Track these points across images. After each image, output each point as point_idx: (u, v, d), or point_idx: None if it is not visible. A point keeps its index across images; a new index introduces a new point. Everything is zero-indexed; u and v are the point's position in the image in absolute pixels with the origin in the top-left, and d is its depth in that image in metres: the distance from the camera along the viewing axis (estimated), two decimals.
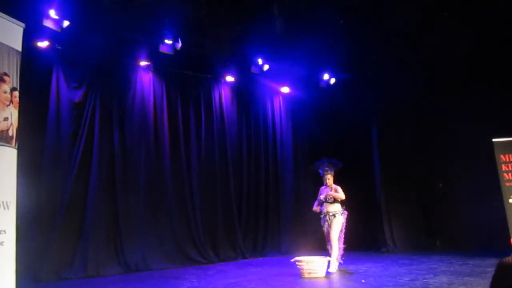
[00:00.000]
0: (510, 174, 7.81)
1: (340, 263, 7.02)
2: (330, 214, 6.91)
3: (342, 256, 7.03)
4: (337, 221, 6.88)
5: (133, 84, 8.43)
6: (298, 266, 6.55)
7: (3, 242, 4.40)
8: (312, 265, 6.46)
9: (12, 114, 4.71)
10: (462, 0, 7.89)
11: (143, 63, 8.44)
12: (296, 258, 6.66)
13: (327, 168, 6.94)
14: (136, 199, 8.08)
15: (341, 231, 6.95)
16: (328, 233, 6.94)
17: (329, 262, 6.67)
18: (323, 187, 7.12)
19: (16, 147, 4.76)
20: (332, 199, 6.89)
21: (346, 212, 7.08)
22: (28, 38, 5.76)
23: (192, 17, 7.86)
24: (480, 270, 6.46)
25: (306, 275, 6.40)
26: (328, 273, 6.56)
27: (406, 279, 6.09)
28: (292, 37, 8.59)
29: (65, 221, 7.23)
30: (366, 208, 10.10)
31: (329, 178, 6.97)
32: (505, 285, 2.18)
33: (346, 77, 10.10)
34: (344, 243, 7.04)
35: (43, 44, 7.04)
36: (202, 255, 8.61)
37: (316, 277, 6.35)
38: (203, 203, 8.96)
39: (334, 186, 6.98)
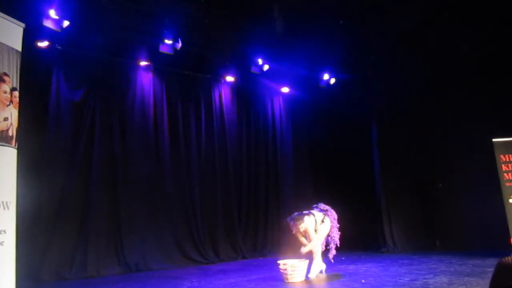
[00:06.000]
0: (510, 174, 7.80)
1: (331, 264, 6.92)
2: None
3: (335, 255, 6.88)
4: (322, 227, 6.64)
5: (133, 84, 8.44)
6: (281, 270, 6.22)
7: (3, 242, 4.40)
8: (298, 269, 6.17)
9: (12, 114, 4.72)
10: (462, 0, 7.89)
11: (143, 63, 8.44)
12: (280, 262, 6.31)
13: (298, 218, 6.50)
14: (136, 199, 8.08)
15: (328, 235, 6.75)
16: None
17: (309, 266, 6.42)
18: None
19: (16, 147, 4.77)
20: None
21: (331, 211, 6.85)
22: (28, 38, 5.75)
23: (192, 17, 7.85)
24: (480, 270, 6.46)
25: (291, 279, 6.10)
26: (307, 278, 6.34)
27: (406, 279, 6.09)
28: (292, 37, 8.58)
29: (65, 221, 7.24)
30: (366, 208, 10.10)
31: (302, 227, 6.48)
32: (505, 284, 2.18)
33: (346, 77, 10.10)
34: (339, 241, 6.84)
35: (43, 44, 7.04)
36: (202, 255, 8.62)
37: (299, 282, 6.11)
38: (203, 203, 8.97)
39: (305, 228, 6.51)
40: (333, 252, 6.87)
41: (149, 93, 8.59)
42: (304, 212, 6.64)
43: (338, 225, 6.91)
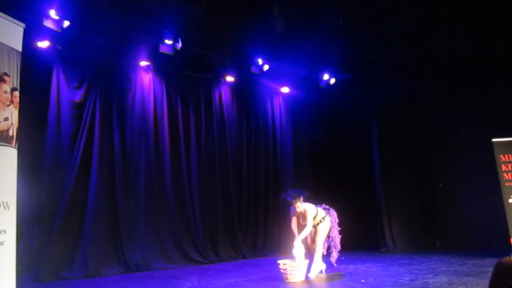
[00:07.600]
0: (510, 174, 7.81)
1: (334, 266, 6.92)
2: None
3: (337, 258, 6.90)
4: (323, 225, 6.66)
5: (133, 84, 8.43)
6: (281, 270, 6.21)
7: (3, 242, 4.40)
8: (298, 269, 6.15)
9: (12, 114, 4.72)
10: (462, 0, 7.89)
11: (143, 63, 8.44)
12: (280, 262, 6.30)
13: (294, 195, 6.51)
14: (136, 199, 8.08)
15: (327, 235, 6.75)
16: (312, 241, 6.71)
17: (309, 266, 6.40)
18: (293, 209, 6.67)
19: (16, 147, 4.77)
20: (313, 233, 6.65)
21: (332, 212, 6.85)
22: (28, 38, 5.76)
23: (192, 17, 7.86)
24: (480, 270, 6.46)
25: (291, 279, 6.10)
26: (307, 278, 6.32)
27: (406, 279, 6.09)
28: (292, 37, 8.58)
29: (65, 221, 7.23)
30: (366, 208, 10.10)
31: (298, 206, 6.50)
32: (504, 284, 2.18)
33: (346, 77, 10.10)
34: (339, 244, 6.84)
35: (43, 44, 7.04)
36: (202, 255, 8.61)
37: (299, 282, 6.10)
38: (203, 203, 8.97)
39: (303, 210, 6.50)
40: (334, 256, 6.84)
41: (149, 93, 8.59)
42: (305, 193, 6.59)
43: (339, 228, 6.89)
